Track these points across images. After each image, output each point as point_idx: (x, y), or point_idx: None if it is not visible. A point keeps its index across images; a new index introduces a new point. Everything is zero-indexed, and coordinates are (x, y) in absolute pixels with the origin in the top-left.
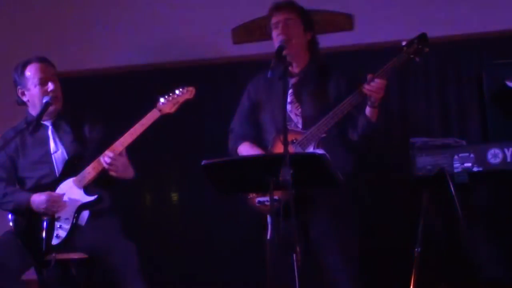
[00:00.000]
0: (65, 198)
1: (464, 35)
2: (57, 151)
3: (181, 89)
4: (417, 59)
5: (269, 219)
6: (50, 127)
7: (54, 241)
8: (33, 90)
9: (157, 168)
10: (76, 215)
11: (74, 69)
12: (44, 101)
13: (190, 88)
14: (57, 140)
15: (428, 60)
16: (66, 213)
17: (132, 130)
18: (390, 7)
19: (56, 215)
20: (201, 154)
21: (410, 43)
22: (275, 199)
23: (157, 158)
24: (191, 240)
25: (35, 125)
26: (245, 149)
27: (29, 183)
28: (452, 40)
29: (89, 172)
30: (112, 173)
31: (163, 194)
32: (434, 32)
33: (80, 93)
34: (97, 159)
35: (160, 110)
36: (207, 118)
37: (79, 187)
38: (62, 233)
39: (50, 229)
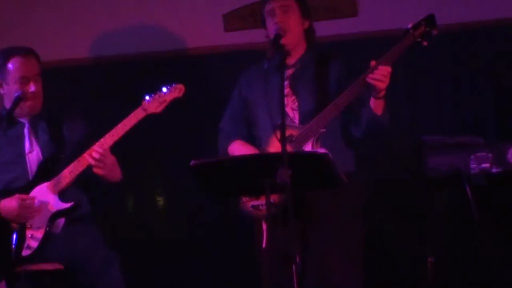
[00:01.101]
0: (38, 204)
1: (480, 22)
2: (32, 151)
3: (168, 87)
4: (424, 43)
5: (264, 225)
6: (26, 125)
7: (25, 252)
8: (12, 86)
9: (140, 170)
10: (49, 223)
11: (50, 59)
12: (15, 95)
13: (179, 86)
14: (33, 139)
15: (440, 50)
16: (39, 221)
17: (113, 131)
18: None
19: (28, 224)
20: (189, 153)
21: (416, 25)
22: (271, 203)
23: (139, 158)
24: (178, 248)
25: (7, 121)
26: (237, 149)
27: (0, 186)
28: (467, 28)
29: (65, 176)
30: (98, 171)
31: (147, 198)
32: (447, 18)
33: (58, 87)
34: (75, 162)
35: (145, 110)
36: (194, 114)
37: (54, 193)
38: (34, 243)
39: (21, 239)
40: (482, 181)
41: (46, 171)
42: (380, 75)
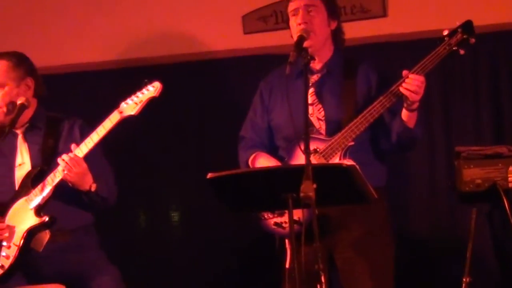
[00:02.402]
0: (12, 221)
1: None
2: (22, 164)
3: (144, 87)
4: (461, 51)
5: (288, 244)
6: (19, 136)
7: None
8: None
9: (153, 183)
10: (23, 241)
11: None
12: (18, 102)
13: (155, 84)
14: (24, 151)
15: (476, 54)
16: (14, 240)
17: (88, 138)
18: None
19: (3, 242)
20: (206, 164)
21: (452, 32)
22: (295, 220)
23: (152, 170)
24: (194, 266)
25: (7, 133)
26: (259, 160)
27: None
28: (505, 30)
29: (42, 189)
30: (66, 177)
31: (161, 213)
32: (484, 20)
33: (61, 93)
34: (51, 173)
35: (120, 112)
36: (211, 122)
37: (31, 208)
38: (6, 263)
39: None
40: None
41: (29, 185)
42: (414, 86)
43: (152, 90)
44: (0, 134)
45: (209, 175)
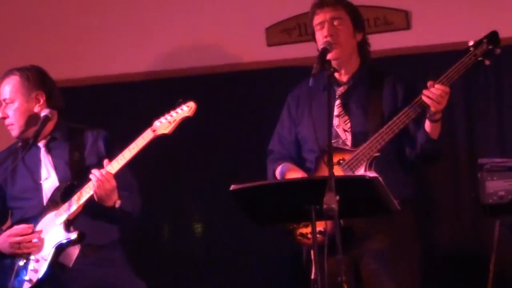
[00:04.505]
0: (43, 235)
1: None
2: (48, 177)
3: (178, 106)
4: (486, 62)
5: (313, 255)
6: (42, 149)
7: (25, 286)
8: None
9: (177, 194)
10: (52, 255)
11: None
12: (42, 114)
13: (190, 104)
14: (49, 164)
15: (501, 65)
16: (43, 254)
17: (120, 155)
18: (454, 2)
19: (32, 256)
20: (229, 176)
21: (478, 43)
22: (319, 231)
23: (176, 182)
24: (218, 279)
25: (31, 145)
26: (285, 172)
27: (17, 215)
28: None
29: (72, 203)
30: (95, 193)
31: (184, 224)
32: (508, 31)
33: (89, 105)
34: (82, 188)
35: (154, 131)
36: (235, 134)
37: (60, 222)
38: (35, 277)
39: (22, 272)
40: None
41: (58, 199)
42: (436, 96)
43: (186, 110)
44: (24, 147)
45: (232, 187)
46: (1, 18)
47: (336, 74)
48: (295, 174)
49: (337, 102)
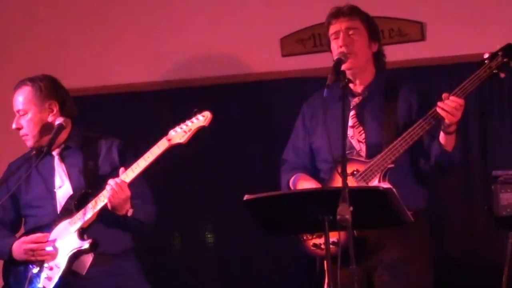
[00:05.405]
0: (57, 243)
1: None
2: (62, 186)
3: (194, 116)
4: (502, 74)
5: (326, 266)
6: (56, 157)
7: None
8: None
9: (190, 204)
10: (66, 263)
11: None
12: (56, 123)
13: (206, 114)
14: (63, 173)
15: None
16: (56, 261)
17: (135, 164)
18: (469, 14)
19: (45, 264)
20: (243, 186)
21: (493, 55)
22: (333, 242)
23: (189, 191)
24: None
25: (44, 153)
26: (299, 182)
27: (31, 223)
28: None
29: (86, 212)
30: (109, 201)
31: (197, 234)
32: None
33: (104, 114)
34: (96, 196)
35: (169, 140)
36: (248, 145)
37: (74, 230)
38: (48, 285)
39: (35, 280)
40: None
41: (72, 208)
42: (451, 108)
43: (201, 119)
44: (38, 155)
45: (246, 197)
46: (12, 28)
47: (351, 85)
48: (306, 183)
49: (352, 112)
